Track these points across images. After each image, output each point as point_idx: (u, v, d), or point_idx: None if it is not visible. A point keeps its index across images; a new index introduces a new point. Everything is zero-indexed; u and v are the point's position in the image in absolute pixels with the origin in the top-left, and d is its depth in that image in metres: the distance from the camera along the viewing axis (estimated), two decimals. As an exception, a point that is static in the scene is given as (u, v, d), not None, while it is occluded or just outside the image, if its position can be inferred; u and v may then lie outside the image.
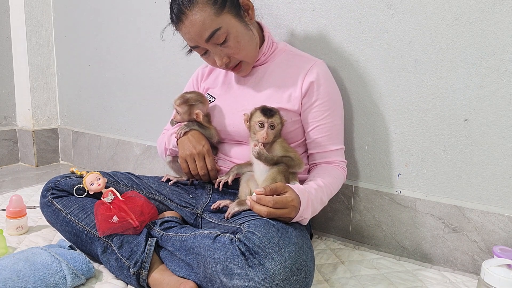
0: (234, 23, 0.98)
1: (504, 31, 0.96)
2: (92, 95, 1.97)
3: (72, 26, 1.99)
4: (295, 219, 0.87)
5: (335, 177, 1.03)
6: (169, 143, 1.12)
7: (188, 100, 1.08)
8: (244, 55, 1.03)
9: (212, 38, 0.96)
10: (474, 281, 1.00)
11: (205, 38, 0.96)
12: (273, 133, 0.96)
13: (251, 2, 1.03)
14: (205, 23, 0.94)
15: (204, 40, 0.97)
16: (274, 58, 1.10)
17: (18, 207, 1.21)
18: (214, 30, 0.95)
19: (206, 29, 0.95)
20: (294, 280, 0.76)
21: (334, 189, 1.02)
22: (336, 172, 1.05)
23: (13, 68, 2.06)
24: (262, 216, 0.84)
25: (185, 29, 0.97)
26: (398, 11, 1.09)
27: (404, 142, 1.13)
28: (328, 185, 0.98)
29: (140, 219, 0.95)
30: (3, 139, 2.06)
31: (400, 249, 1.17)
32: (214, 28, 0.95)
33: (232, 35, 0.98)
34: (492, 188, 1.02)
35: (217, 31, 0.95)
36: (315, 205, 0.92)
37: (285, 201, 0.84)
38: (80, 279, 0.91)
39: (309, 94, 1.03)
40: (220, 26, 0.95)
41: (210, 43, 0.98)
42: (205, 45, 0.99)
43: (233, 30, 0.97)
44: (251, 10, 1.03)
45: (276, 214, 0.83)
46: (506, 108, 0.98)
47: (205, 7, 0.94)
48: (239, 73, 1.09)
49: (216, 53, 1.00)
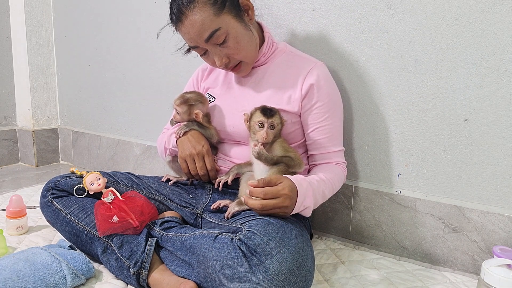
0: (233, 24, 0.98)
1: (504, 31, 0.96)
2: (92, 95, 1.97)
3: (72, 26, 1.99)
4: (296, 209, 0.86)
5: (336, 174, 1.04)
6: (169, 143, 1.12)
7: (187, 100, 1.08)
8: (244, 56, 1.03)
9: (212, 39, 0.96)
10: (474, 281, 1.00)
11: (205, 38, 0.96)
12: (273, 133, 0.96)
13: (251, 2, 1.03)
14: (204, 24, 0.94)
15: (203, 40, 0.97)
16: (274, 59, 1.10)
17: (18, 207, 1.21)
18: (213, 31, 0.95)
19: (205, 30, 0.95)
20: (294, 279, 0.76)
21: (335, 186, 1.02)
22: (337, 170, 1.05)
23: (13, 68, 2.06)
24: (256, 211, 0.85)
25: (185, 29, 0.97)
26: (398, 11, 1.09)
27: (404, 142, 1.13)
28: (330, 179, 0.99)
29: (140, 219, 0.95)
30: (3, 139, 2.06)
31: (400, 249, 1.17)
32: (213, 29, 0.95)
33: (232, 36, 0.98)
34: (492, 188, 1.02)
35: (217, 32, 0.95)
36: (317, 196, 0.92)
37: (275, 191, 0.83)
38: (80, 279, 0.91)
39: (309, 96, 1.03)
40: (220, 27, 0.95)
41: (209, 43, 0.98)
42: (205, 45, 0.99)
43: (233, 30, 0.97)
44: (251, 10, 1.03)
45: (270, 205, 0.83)
46: (506, 108, 0.98)
47: (205, 8, 0.94)
48: (239, 73, 1.09)
49: (216, 53, 1.00)
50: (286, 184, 0.85)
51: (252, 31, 1.04)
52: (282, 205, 0.84)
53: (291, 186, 0.85)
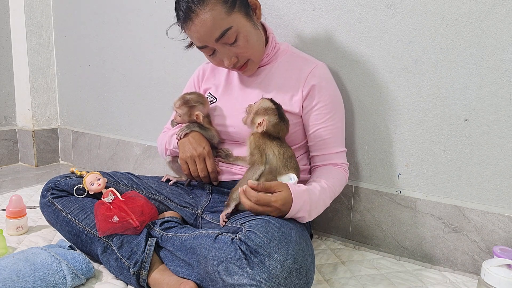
0: (244, 22, 0.97)
1: (504, 31, 0.96)
2: (92, 95, 1.97)
3: (72, 26, 1.99)
4: (288, 216, 0.87)
5: (338, 179, 1.03)
6: (170, 144, 1.12)
7: (188, 101, 1.08)
8: (252, 54, 1.02)
9: (223, 38, 0.95)
10: (474, 281, 1.00)
11: (216, 37, 0.94)
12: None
13: (258, 1, 1.02)
14: (216, 23, 0.92)
15: (214, 39, 0.95)
16: (276, 59, 1.10)
17: (18, 207, 1.21)
18: (225, 30, 0.94)
19: (216, 29, 0.93)
20: (295, 279, 0.76)
21: (336, 191, 1.02)
22: (339, 174, 1.05)
23: (13, 68, 2.06)
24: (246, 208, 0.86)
25: (194, 28, 0.94)
26: (398, 11, 1.09)
27: (404, 142, 1.13)
28: (331, 186, 0.98)
29: (140, 219, 0.95)
30: (3, 139, 2.06)
31: (400, 249, 1.17)
32: (225, 28, 0.93)
33: (242, 35, 0.96)
34: (492, 188, 1.02)
35: (228, 31, 0.94)
36: (318, 207, 0.92)
37: (268, 200, 0.84)
38: (80, 279, 0.91)
39: (310, 97, 1.03)
40: (231, 26, 0.94)
41: (219, 42, 0.96)
42: (214, 45, 0.97)
43: (243, 29, 0.96)
44: (258, 9, 1.02)
45: (258, 210, 0.85)
46: (506, 108, 0.98)
47: (216, 6, 0.92)
48: (245, 72, 1.08)
49: (225, 53, 0.99)
50: (281, 196, 0.85)
51: (260, 30, 1.04)
52: (269, 214, 0.85)
53: (286, 199, 0.85)
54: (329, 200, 0.98)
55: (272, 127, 0.95)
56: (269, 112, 0.95)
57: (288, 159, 0.96)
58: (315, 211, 0.92)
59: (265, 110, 0.96)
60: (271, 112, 0.95)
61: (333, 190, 0.99)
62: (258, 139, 0.96)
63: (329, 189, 0.97)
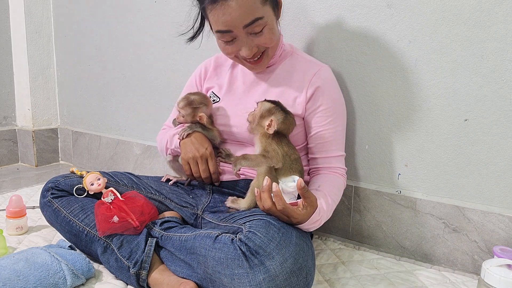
0: (272, 16, 0.98)
1: (504, 31, 0.96)
2: (92, 95, 1.97)
3: (72, 26, 1.98)
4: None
5: (339, 189, 1.04)
6: (171, 143, 1.12)
7: (192, 102, 1.07)
8: (272, 48, 1.02)
9: (251, 26, 0.94)
10: (474, 281, 1.00)
11: (245, 23, 0.93)
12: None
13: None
14: (251, 9, 0.92)
15: (242, 25, 0.93)
16: (281, 61, 1.10)
17: (18, 207, 1.21)
18: (256, 18, 0.93)
19: (250, 15, 0.92)
20: (295, 280, 0.76)
21: (338, 202, 1.03)
22: (340, 183, 1.05)
23: (13, 68, 2.06)
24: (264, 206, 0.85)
25: (227, 9, 0.92)
26: (398, 11, 1.09)
27: (404, 142, 1.13)
28: (335, 201, 0.99)
29: (140, 219, 0.95)
30: (3, 139, 2.06)
31: (400, 249, 1.16)
32: (257, 16, 0.93)
33: (268, 27, 0.97)
34: (492, 188, 1.02)
35: (259, 20, 0.94)
36: (322, 223, 0.92)
37: (291, 214, 0.83)
38: (80, 279, 0.91)
39: (314, 99, 1.03)
40: (263, 16, 0.94)
41: (245, 30, 0.95)
42: (240, 31, 0.95)
43: (271, 22, 0.97)
44: (281, 7, 1.03)
45: (275, 214, 0.84)
46: (506, 108, 0.98)
47: None
48: (256, 67, 1.05)
49: (247, 43, 0.97)
50: (304, 214, 0.84)
51: (279, 26, 1.04)
52: (283, 221, 0.85)
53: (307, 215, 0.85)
54: (331, 213, 0.98)
55: (282, 123, 0.95)
56: (273, 111, 0.96)
57: (294, 161, 0.96)
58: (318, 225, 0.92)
59: (268, 111, 0.96)
60: (275, 111, 0.96)
61: (336, 203, 1.00)
62: (268, 138, 0.97)
63: (333, 204, 0.98)
